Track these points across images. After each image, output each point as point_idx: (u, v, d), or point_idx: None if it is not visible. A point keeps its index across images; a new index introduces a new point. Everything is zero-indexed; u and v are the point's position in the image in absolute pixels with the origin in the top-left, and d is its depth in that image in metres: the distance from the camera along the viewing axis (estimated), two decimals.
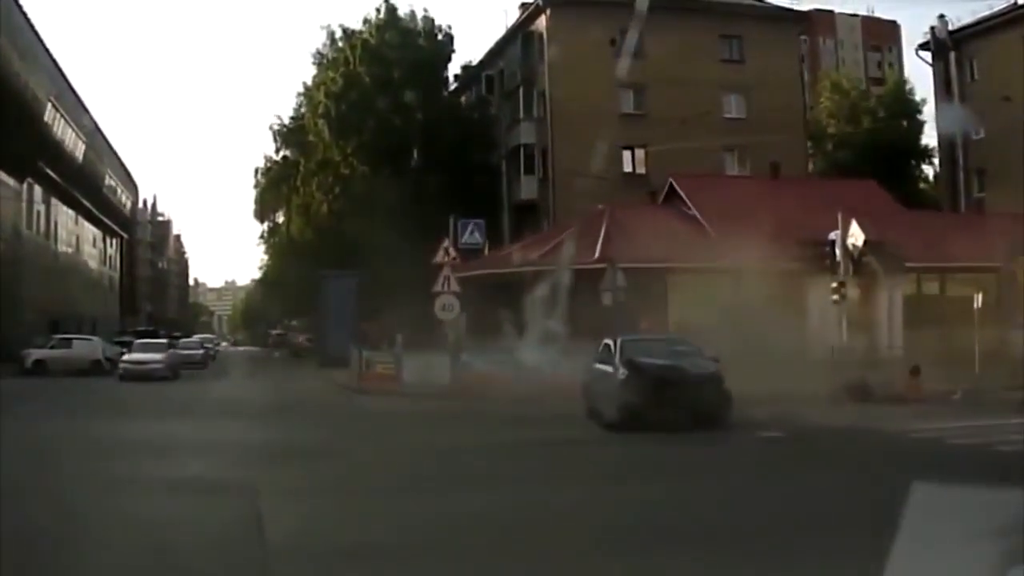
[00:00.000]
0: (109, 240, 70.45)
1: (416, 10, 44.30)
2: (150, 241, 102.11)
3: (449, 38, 44.55)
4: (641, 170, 38.33)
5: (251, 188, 57.46)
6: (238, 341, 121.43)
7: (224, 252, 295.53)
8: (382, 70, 41.96)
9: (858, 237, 22.15)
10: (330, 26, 52.07)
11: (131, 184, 76.37)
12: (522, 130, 40.74)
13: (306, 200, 47.04)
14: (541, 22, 40.35)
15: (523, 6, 43.01)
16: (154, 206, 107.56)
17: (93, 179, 57.33)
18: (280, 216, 55.11)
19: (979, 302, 21.71)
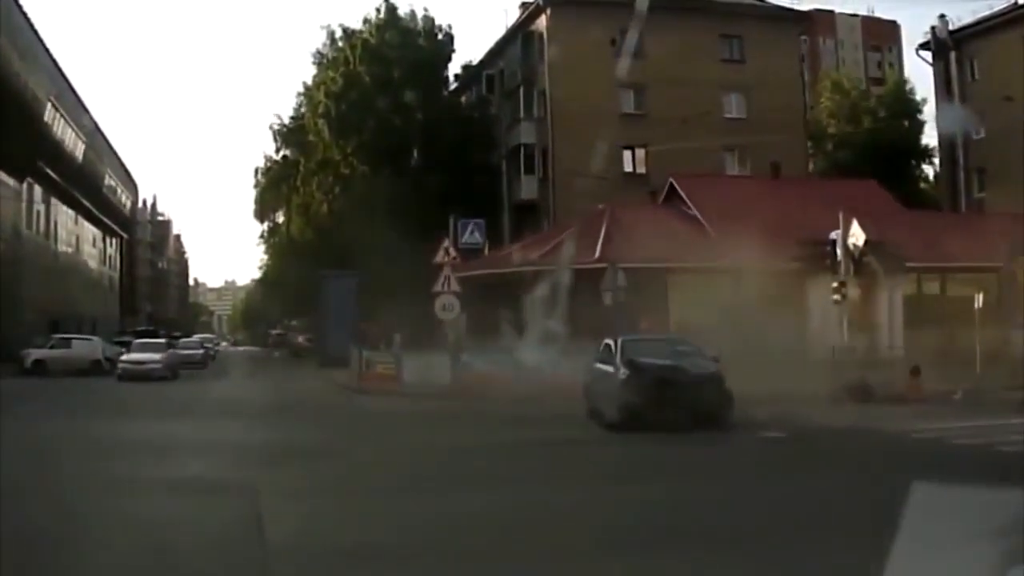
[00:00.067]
0: (109, 240, 70.45)
1: (416, 10, 44.39)
2: (150, 241, 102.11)
3: (449, 38, 44.59)
4: (641, 170, 38.32)
5: (251, 188, 57.56)
6: (238, 341, 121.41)
7: (224, 252, 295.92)
8: (382, 70, 41.95)
9: (859, 237, 22.11)
10: (330, 26, 52.24)
11: (131, 184, 76.40)
12: (522, 130, 40.73)
13: (306, 200, 47.04)
14: (541, 22, 40.34)
15: (523, 6, 43.00)
16: (154, 206, 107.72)
17: (93, 179, 57.33)
18: (280, 216, 55.11)
19: (980, 302, 21.68)
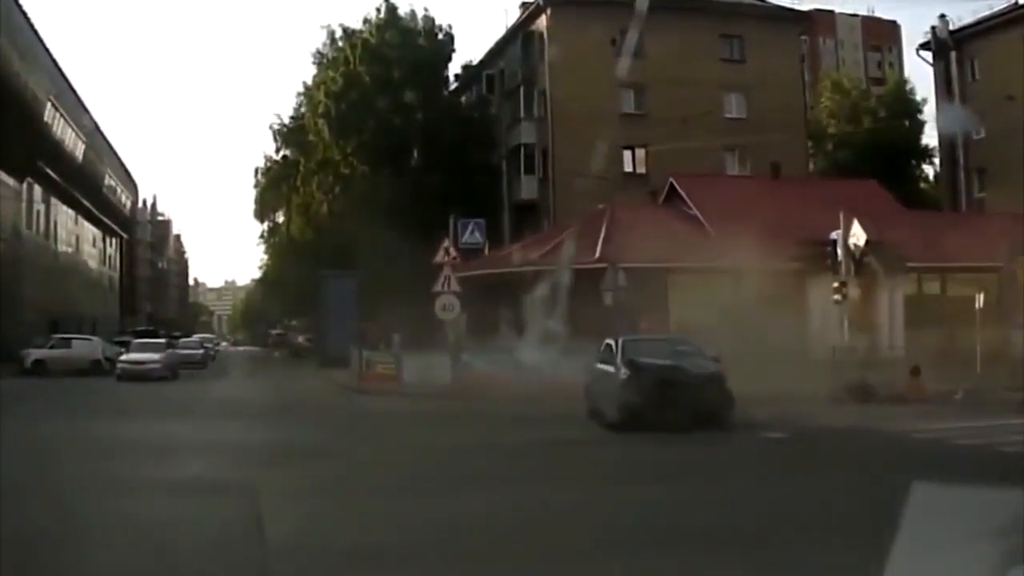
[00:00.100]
0: (109, 240, 70.44)
1: (416, 9, 44.37)
2: (150, 241, 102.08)
3: (449, 38, 44.58)
4: (641, 170, 38.32)
5: (251, 188, 57.56)
6: (238, 341, 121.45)
7: (224, 252, 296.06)
8: (382, 70, 41.94)
9: (860, 237, 22.10)
10: (330, 26, 52.22)
11: (131, 184, 76.39)
12: (522, 130, 40.73)
13: (306, 200, 47.04)
14: (541, 22, 40.34)
15: (523, 6, 43.00)
16: (154, 206, 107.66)
17: (93, 179, 57.32)
18: (280, 216, 55.11)
19: (981, 302, 21.67)
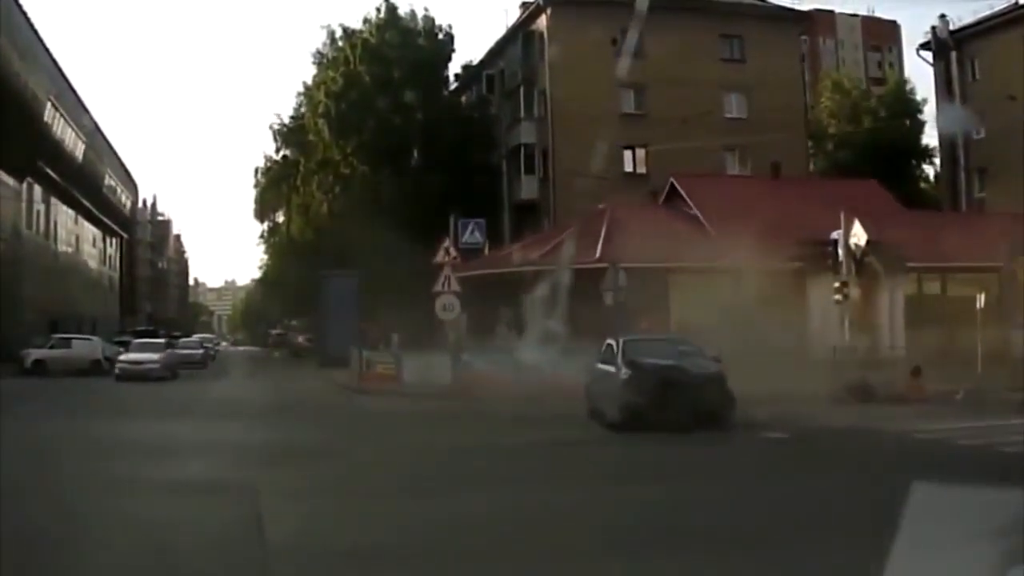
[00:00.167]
0: (109, 240, 70.43)
1: (416, 9, 44.38)
2: (150, 241, 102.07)
3: (449, 37, 44.58)
4: (642, 170, 38.32)
5: (251, 188, 57.58)
6: (238, 341, 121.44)
7: (224, 252, 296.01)
8: (382, 70, 41.94)
9: (860, 237, 22.09)
10: (330, 26, 52.26)
11: (131, 184, 76.38)
12: (522, 130, 40.73)
13: (306, 200, 47.04)
14: (542, 21, 40.34)
15: (523, 5, 43.00)
16: (154, 206, 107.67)
17: (93, 179, 57.32)
18: (280, 216, 55.11)
19: (981, 302, 21.65)
